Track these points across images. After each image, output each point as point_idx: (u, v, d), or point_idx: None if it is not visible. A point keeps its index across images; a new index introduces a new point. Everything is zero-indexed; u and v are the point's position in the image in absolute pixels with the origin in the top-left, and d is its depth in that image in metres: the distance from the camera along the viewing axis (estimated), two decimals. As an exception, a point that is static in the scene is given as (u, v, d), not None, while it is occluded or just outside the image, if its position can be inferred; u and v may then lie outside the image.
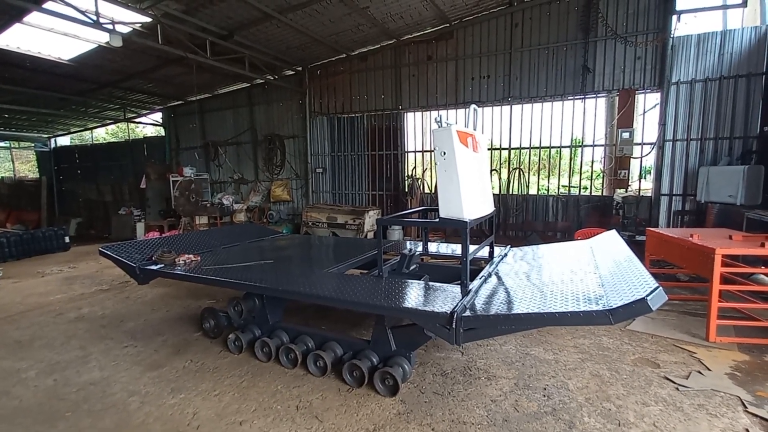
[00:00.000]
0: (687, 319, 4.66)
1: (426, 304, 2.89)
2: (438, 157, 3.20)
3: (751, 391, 3.17)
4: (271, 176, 11.41)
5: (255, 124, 11.66)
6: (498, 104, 8.81)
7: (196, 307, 5.38)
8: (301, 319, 4.93)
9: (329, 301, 3.19)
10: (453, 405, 3.06)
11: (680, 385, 3.27)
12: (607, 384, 3.33)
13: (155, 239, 5.46)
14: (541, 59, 8.24)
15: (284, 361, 3.65)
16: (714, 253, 3.90)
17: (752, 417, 2.86)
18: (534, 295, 2.83)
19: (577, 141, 8.51)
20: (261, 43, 8.60)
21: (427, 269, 4.67)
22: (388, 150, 10.07)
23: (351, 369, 3.30)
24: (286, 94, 10.96)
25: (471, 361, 3.77)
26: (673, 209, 7.49)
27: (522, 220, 8.86)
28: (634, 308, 2.08)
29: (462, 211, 3.17)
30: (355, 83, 10.15)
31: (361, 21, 8.00)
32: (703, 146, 7.17)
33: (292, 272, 3.97)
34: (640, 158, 7.86)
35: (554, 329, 4.40)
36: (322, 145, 10.77)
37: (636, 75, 7.55)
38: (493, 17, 8.49)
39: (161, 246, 4.82)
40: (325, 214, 9.50)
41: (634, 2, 7.39)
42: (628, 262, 2.92)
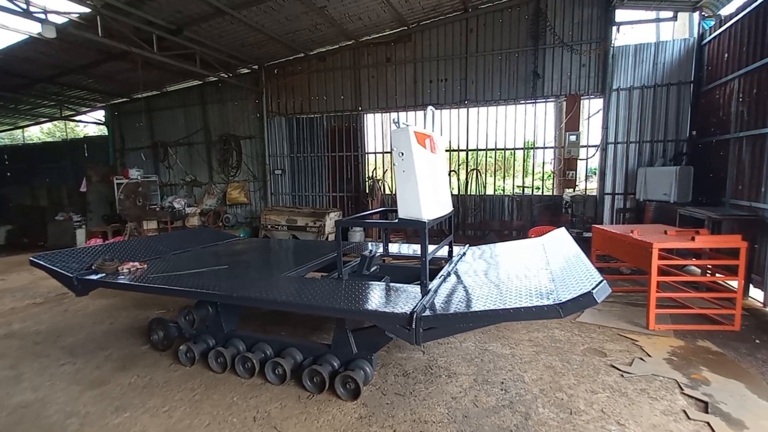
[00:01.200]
0: (630, 309, 5.00)
1: (386, 306, 2.88)
2: (396, 158, 3.21)
3: (687, 374, 3.45)
4: (227, 178, 10.98)
5: (208, 123, 11.17)
6: (455, 107, 9.03)
7: (144, 318, 5.04)
8: (260, 326, 4.76)
9: (287, 306, 3.11)
10: (414, 405, 3.08)
11: (625, 372, 3.49)
12: (560, 375, 3.49)
13: (96, 246, 5.06)
14: (495, 64, 8.54)
15: (240, 370, 3.50)
16: (651, 248, 4.20)
17: (688, 398, 3.10)
18: (490, 293, 2.91)
19: (529, 143, 8.91)
20: (213, 39, 8.26)
21: (388, 270, 4.67)
22: (349, 151, 10.01)
23: (311, 375, 3.23)
24: (242, 93, 10.60)
25: (432, 359, 3.81)
26: (616, 207, 8.03)
27: (480, 219, 9.12)
28: (581, 301, 2.20)
29: (420, 211, 3.20)
30: (314, 83, 10.01)
31: (318, 20, 7.90)
32: (641, 149, 7.75)
33: (247, 277, 3.81)
34: (586, 160, 8.36)
35: (511, 325, 4.55)
36: (281, 146, 10.52)
37: (581, 81, 8.02)
38: (449, 22, 8.69)
39: (103, 254, 4.48)
40: (284, 216, 9.28)
41: (579, 13, 7.86)
42: (576, 258, 3.08)
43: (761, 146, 5.29)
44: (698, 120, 7.23)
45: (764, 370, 3.53)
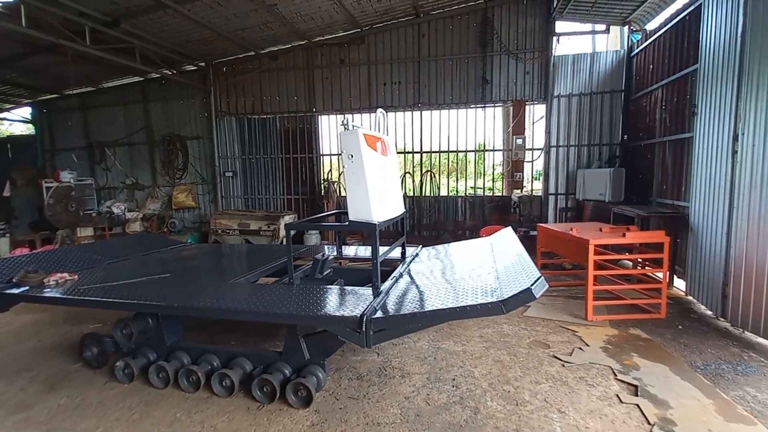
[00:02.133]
0: (571, 302, 5.32)
1: (336, 309, 2.85)
2: (346, 160, 3.20)
3: (620, 361, 3.72)
4: (173, 181, 10.39)
5: (151, 122, 10.51)
6: (409, 110, 9.17)
7: (77, 333, 4.62)
8: (207, 336, 4.54)
9: (232, 315, 2.98)
10: (368, 407, 3.07)
11: (565, 362, 3.70)
12: (507, 368, 3.64)
13: (20, 257, 4.58)
14: (447, 69, 8.78)
15: (185, 384, 3.31)
16: (588, 244, 4.51)
17: (621, 383, 3.35)
18: (440, 292, 2.97)
19: (481, 146, 9.24)
20: (154, 33, 7.79)
21: (342, 273, 4.63)
22: (303, 153, 9.85)
23: (261, 384, 3.12)
24: (188, 91, 10.09)
25: (386, 360, 3.83)
26: (559, 207, 8.53)
27: (434, 220, 9.32)
28: (522, 297, 2.31)
29: (371, 213, 3.21)
30: (266, 83, 9.75)
31: (268, 18, 7.70)
32: (580, 152, 8.30)
33: (192, 285, 3.62)
34: (532, 162, 8.81)
35: (463, 322, 4.68)
36: (231, 147, 10.13)
37: (526, 88, 8.45)
38: (402, 26, 8.82)
39: (26, 264, 4.06)
40: (236, 220, 8.94)
41: (522, 23, 8.28)
42: (519, 256, 3.23)
43: (681, 150, 5.84)
44: (629, 125, 7.87)
45: (686, 353, 3.90)
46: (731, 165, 4.33)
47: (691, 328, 4.46)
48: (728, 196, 4.38)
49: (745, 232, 4.14)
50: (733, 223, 4.32)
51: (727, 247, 4.41)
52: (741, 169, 4.20)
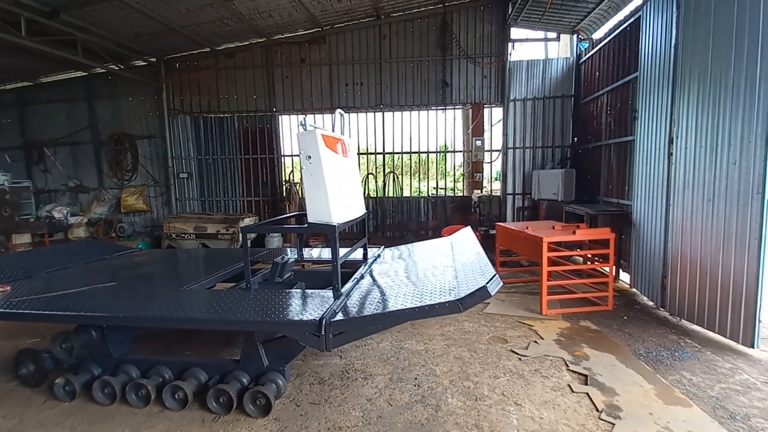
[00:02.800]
0: (528, 298, 5.54)
1: (295, 314, 2.79)
2: (304, 161, 3.14)
3: (571, 352, 3.91)
4: (121, 183, 9.77)
5: (97, 120, 9.83)
6: (371, 111, 9.19)
7: (11, 349, 4.22)
8: (162, 346, 4.30)
9: (182, 323, 2.84)
10: (330, 412, 3.03)
11: (522, 356, 3.84)
12: (467, 364, 3.72)
13: (-61, 268, 4.13)
14: (408, 71, 8.88)
15: (133, 399, 3.11)
16: (542, 242, 4.71)
17: (572, 373, 3.52)
18: (400, 293, 2.99)
19: (444, 147, 9.42)
20: (100, 26, 7.30)
21: (304, 276, 4.55)
22: (263, 154, 9.60)
23: (217, 395, 2.99)
24: (138, 87, 9.53)
25: (349, 363, 3.80)
26: (516, 206, 8.86)
27: (398, 221, 9.40)
28: (478, 295, 2.37)
29: (330, 215, 3.17)
30: (223, 81, 9.41)
31: (225, 14, 7.44)
32: (535, 153, 8.67)
33: (140, 294, 3.42)
34: (491, 163, 9.11)
35: (425, 321, 4.74)
36: (186, 147, 9.68)
37: (484, 91, 8.72)
38: (363, 27, 8.83)
39: (-54, 277, 3.66)
40: (192, 224, 8.55)
41: (480, 29, 8.54)
42: (477, 255, 3.32)
43: (625, 152, 6.25)
44: (578, 128, 8.32)
45: (630, 341, 4.16)
46: (667, 166, 4.69)
47: (635, 319, 4.77)
48: (665, 195, 4.73)
49: (680, 228, 4.49)
50: (669, 220, 4.67)
51: (664, 242, 4.76)
52: (676, 169, 4.56)
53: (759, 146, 3.49)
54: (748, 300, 3.66)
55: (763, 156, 3.46)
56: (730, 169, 3.78)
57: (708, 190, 4.06)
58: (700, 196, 4.16)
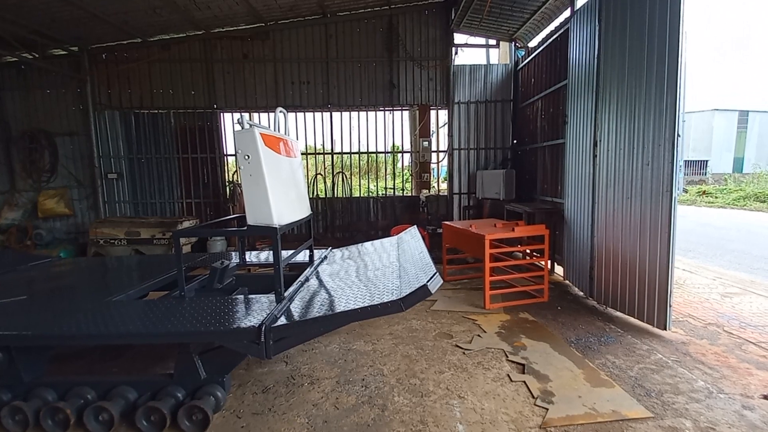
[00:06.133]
0: (473, 293, 5.75)
1: (232, 321, 2.66)
2: (242, 161, 3.01)
3: (511, 343, 4.12)
4: (38, 185, 8.77)
5: (6, 115, 8.73)
6: (319, 110, 9.05)
7: None
8: (85, 364, 3.91)
9: (102, 339, 2.59)
10: (273, 421, 2.93)
11: (466, 350, 3.98)
12: (414, 362, 3.78)
13: None
14: (355, 71, 8.85)
15: (49, 425, 2.79)
16: (484, 239, 4.91)
17: (512, 364, 3.70)
18: (344, 294, 2.96)
19: (394, 147, 9.51)
20: (7, 9, 6.48)
21: (248, 281, 4.36)
22: (204, 153, 9.08)
23: (147, 413, 2.77)
24: (57, 79, 8.60)
25: (295, 369, 3.70)
26: (462, 205, 9.17)
27: (348, 221, 9.34)
28: (419, 294, 2.40)
29: (271, 216, 3.06)
30: (157, 75, 8.77)
31: (157, 3, 6.93)
32: (479, 154, 9.03)
33: (56, 308, 3.08)
34: (437, 163, 9.34)
35: (374, 321, 4.75)
36: (115, 145, 8.90)
37: (430, 94, 8.93)
38: (309, 25, 8.66)
39: None
40: (123, 228, 7.86)
41: (425, 32, 8.73)
42: (420, 254, 3.38)
43: (557, 154, 6.70)
44: (517, 131, 8.79)
45: (563, 330, 4.46)
46: (592, 167, 5.09)
47: (567, 308, 5.13)
48: (591, 193, 5.13)
49: (604, 223, 4.89)
50: (595, 216, 5.08)
51: (591, 237, 5.17)
52: (599, 170, 4.96)
53: (667, 149, 3.90)
54: (660, 287, 4.07)
55: (671, 158, 3.87)
56: (644, 170, 4.19)
57: (627, 189, 4.47)
58: (620, 194, 4.57)
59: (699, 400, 3.06)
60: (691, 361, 3.67)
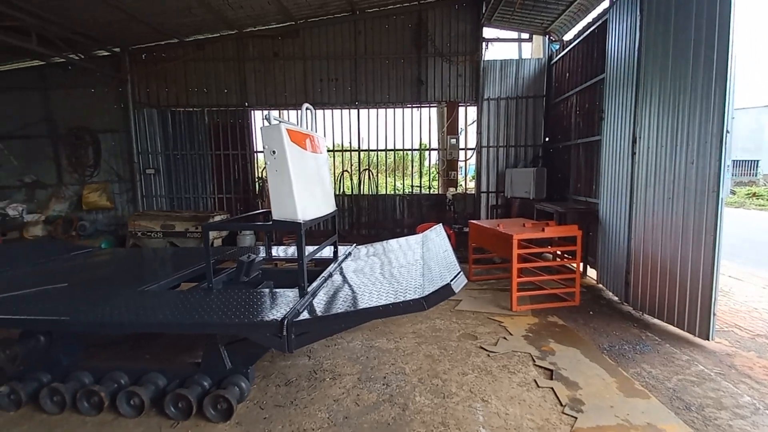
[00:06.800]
0: (499, 294, 5.60)
1: (257, 314, 2.69)
2: (268, 157, 3.04)
3: (538, 347, 3.97)
4: (82, 179, 9.29)
5: (53, 113, 9.29)
6: (347, 107, 9.08)
7: (-51, 357, 3.93)
8: (120, 352, 4.09)
9: (134, 327, 2.68)
10: (294, 414, 2.95)
11: (490, 352, 3.87)
12: (437, 362, 3.71)
13: None
14: (384, 68, 8.82)
15: (85, 407, 2.94)
16: (512, 238, 4.76)
17: (539, 369, 3.57)
18: (366, 291, 2.94)
19: (422, 145, 9.42)
20: (54, 11, 6.87)
21: (273, 275, 4.44)
22: (235, 149, 9.33)
23: (175, 400, 2.86)
24: (100, 79, 9.06)
25: (317, 363, 3.72)
26: (490, 204, 8.97)
27: (373, 219, 9.34)
28: (442, 293, 2.34)
29: (296, 212, 3.08)
30: (192, 74, 9.07)
31: (191, 3, 7.15)
32: (508, 152, 8.79)
33: (94, 296, 3.23)
34: (465, 161, 9.17)
35: (397, 319, 4.71)
36: (153, 142, 9.29)
37: (459, 90, 8.76)
38: (338, 22, 8.70)
39: None
40: (159, 221, 8.21)
41: (455, 27, 8.57)
42: (445, 252, 3.30)
43: (592, 151, 6.41)
44: (549, 128, 8.49)
45: (595, 336, 4.27)
46: (631, 165, 4.83)
47: (600, 313, 4.90)
48: (629, 193, 4.87)
49: (642, 225, 4.63)
50: (632, 218, 4.82)
51: (628, 239, 4.91)
52: (638, 168, 4.70)
53: (714, 146, 3.63)
54: (704, 294, 3.80)
55: (718, 156, 3.60)
56: (688, 168, 3.92)
57: (668, 189, 4.20)
58: (661, 194, 4.31)
59: (744, 417, 2.84)
60: (736, 374, 3.41)
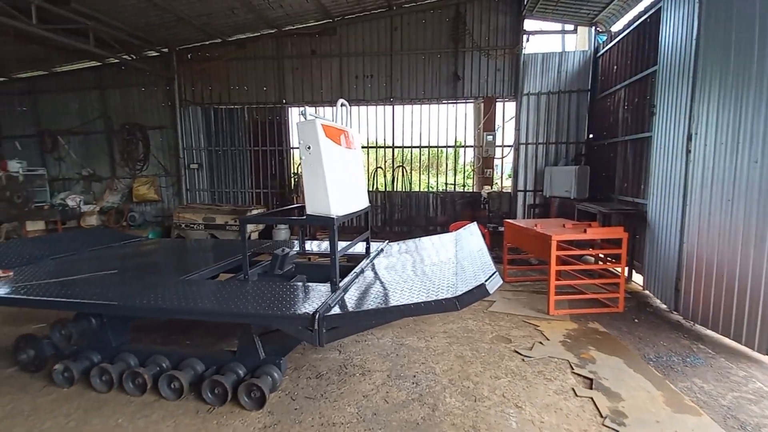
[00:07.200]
0: (535, 297, 5.40)
1: (289, 307, 2.73)
2: (303, 151, 3.07)
3: (577, 354, 3.78)
4: (133, 172, 9.88)
5: (109, 110, 9.94)
6: (381, 104, 9.07)
7: (15, 334, 4.29)
8: (162, 336, 4.32)
9: (175, 314, 2.80)
10: (324, 407, 2.98)
11: (525, 356, 3.73)
12: (469, 363, 3.63)
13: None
14: (419, 64, 8.72)
15: (130, 388, 3.11)
16: (551, 240, 4.56)
17: (577, 377, 3.40)
18: (398, 288, 2.91)
19: (456, 142, 9.25)
20: (110, 14, 7.32)
21: (306, 269, 4.50)
22: (273, 146, 9.58)
23: (212, 386, 2.97)
24: (150, 78, 9.59)
25: (348, 358, 3.74)
26: (527, 203, 8.67)
27: (406, 216, 9.29)
28: (476, 293, 2.27)
29: (329, 207, 3.10)
30: (233, 72, 9.39)
31: (234, 4, 7.39)
32: (548, 149, 8.45)
33: (140, 283, 3.41)
34: (501, 159, 8.91)
35: (428, 318, 4.66)
36: (197, 138, 9.72)
37: (497, 85, 8.51)
38: (375, 18, 8.69)
39: (-47, 261, 3.72)
40: (201, 214, 8.59)
41: (494, 20, 8.31)
42: (479, 251, 3.21)
43: (641, 149, 6.02)
44: (594, 124, 8.06)
45: (640, 345, 4.01)
46: (685, 164, 4.48)
47: (646, 321, 4.60)
48: (682, 194, 4.53)
49: (696, 228, 4.29)
50: (685, 220, 4.47)
51: (680, 243, 4.56)
52: (693, 168, 4.35)
53: (785, 143, 3.29)
54: (765, 304, 3.47)
55: (789, 154, 3.26)
56: (751, 168, 3.58)
57: (727, 190, 3.86)
58: (719, 195, 3.96)
59: (814, 444, 2.56)
60: (804, 396, 3.09)
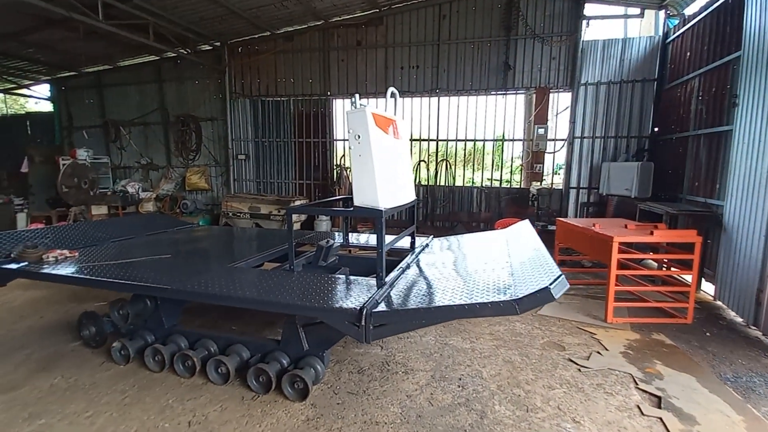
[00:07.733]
0: (589, 302, 5.03)
1: (335, 300, 2.66)
2: (352, 141, 2.97)
3: (642, 368, 3.45)
4: (186, 162, 10.35)
5: (165, 103, 10.45)
6: (427, 95, 8.84)
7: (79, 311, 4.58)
8: (209, 320, 4.45)
9: (223, 300, 2.81)
10: (367, 404, 2.90)
11: (582, 366, 3.45)
12: (518, 369, 3.41)
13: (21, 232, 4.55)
14: (467, 53, 8.39)
15: (180, 369, 3.20)
16: (612, 241, 4.19)
17: (642, 393, 3.09)
18: (448, 287, 2.75)
19: (500, 137, 8.85)
20: (168, 10, 7.62)
21: (349, 261, 4.45)
22: (317, 137, 9.64)
23: (257, 374, 2.98)
24: (203, 71, 9.95)
25: (390, 355, 3.64)
26: (580, 201, 8.13)
27: (449, 210, 9.04)
28: (539, 297, 2.07)
29: (377, 199, 2.99)
30: (281, 65, 9.52)
31: (284, -4, 7.44)
32: (606, 144, 7.86)
33: (190, 268, 3.49)
34: (553, 153, 8.41)
35: (472, 318, 4.45)
36: (245, 129, 9.99)
37: (551, 74, 8.01)
38: (422, 6, 8.44)
39: (27, 240, 4.00)
40: (247, 204, 8.84)
41: (551, 5, 7.80)
42: (537, 251, 2.97)
43: (717, 144, 5.41)
44: (660, 117, 7.38)
45: (714, 362, 3.60)
46: (777, 160, 3.93)
47: (719, 336, 4.13)
48: None
49: (790, 234, 3.76)
50: (775, 225, 3.94)
51: (764, 251, 4.04)
52: (789, 165, 3.81)
53: None
54: None
55: None
56: None
57: (834, 191, 3.33)
58: (823, 197, 3.43)
59: None
60: None
